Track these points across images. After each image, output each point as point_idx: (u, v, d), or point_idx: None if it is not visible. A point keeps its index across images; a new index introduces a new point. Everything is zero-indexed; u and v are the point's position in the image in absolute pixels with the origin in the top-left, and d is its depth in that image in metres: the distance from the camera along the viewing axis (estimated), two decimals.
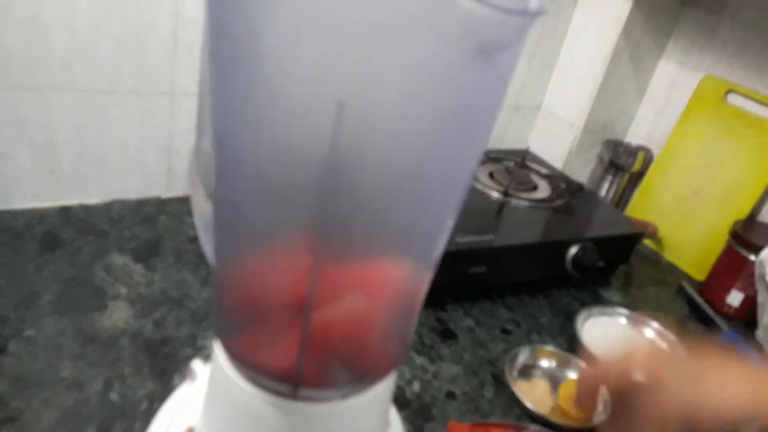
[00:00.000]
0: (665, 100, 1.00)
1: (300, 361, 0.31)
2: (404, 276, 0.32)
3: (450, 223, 0.32)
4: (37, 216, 0.72)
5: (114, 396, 0.52)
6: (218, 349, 0.34)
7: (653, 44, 0.97)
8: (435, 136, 0.26)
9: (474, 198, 0.82)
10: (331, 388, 0.33)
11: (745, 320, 0.82)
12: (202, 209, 0.33)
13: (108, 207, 0.77)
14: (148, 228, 0.75)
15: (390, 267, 0.31)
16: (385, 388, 0.36)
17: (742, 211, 0.86)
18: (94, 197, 0.77)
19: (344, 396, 0.34)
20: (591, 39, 0.97)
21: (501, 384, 0.63)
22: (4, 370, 0.52)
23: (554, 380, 0.64)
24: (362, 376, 0.34)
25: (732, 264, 0.82)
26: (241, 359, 0.33)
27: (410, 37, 0.23)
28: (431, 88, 0.24)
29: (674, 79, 0.98)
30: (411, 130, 0.26)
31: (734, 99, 0.90)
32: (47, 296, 0.61)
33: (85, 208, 0.76)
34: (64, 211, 0.75)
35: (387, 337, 0.34)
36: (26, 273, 0.63)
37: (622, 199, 1.04)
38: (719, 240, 0.86)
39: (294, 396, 0.32)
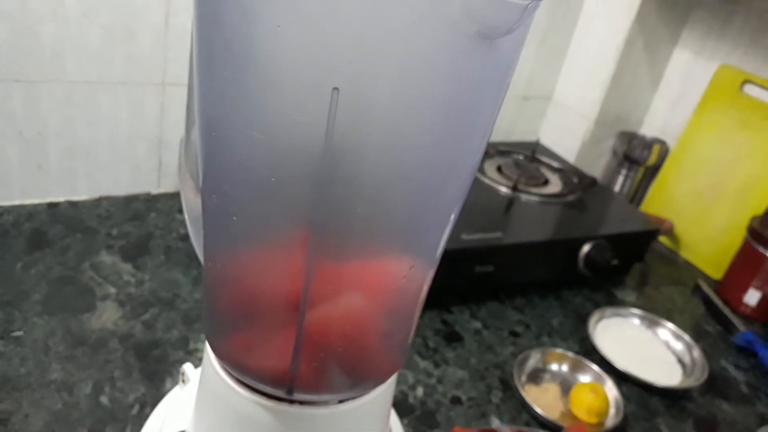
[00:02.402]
0: (680, 90, 0.99)
1: (294, 363, 0.31)
2: (405, 273, 0.31)
3: (453, 217, 0.32)
4: (25, 213, 0.73)
5: (104, 399, 0.52)
6: (209, 351, 0.34)
7: (667, 33, 0.97)
8: (435, 124, 0.26)
9: (481, 193, 0.82)
10: (328, 392, 0.33)
11: (763, 320, 0.82)
12: (192, 204, 0.33)
13: (96, 203, 0.77)
14: (138, 225, 0.75)
15: (389, 263, 0.31)
16: (384, 392, 0.36)
17: (760, 206, 0.85)
18: (82, 193, 0.77)
19: (341, 400, 0.33)
20: (603, 26, 0.97)
21: (509, 389, 0.62)
22: None
23: (565, 385, 0.64)
24: (360, 379, 0.34)
25: (749, 261, 0.81)
26: (232, 361, 0.32)
27: (408, 21, 0.23)
28: (430, 74, 0.24)
29: (689, 69, 0.98)
30: (410, 118, 0.25)
31: (751, 89, 0.89)
32: (36, 296, 0.61)
33: (73, 205, 0.76)
34: (52, 207, 0.75)
35: (386, 338, 0.34)
36: (14, 272, 0.63)
37: (638, 194, 1.04)
38: (737, 236, 0.86)
39: (288, 400, 0.32)
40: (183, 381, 0.46)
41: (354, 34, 0.22)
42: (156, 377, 0.55)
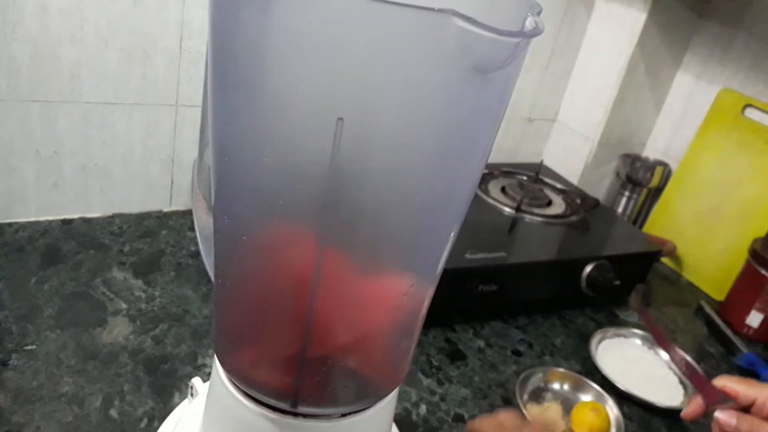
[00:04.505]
0: (683, 113, 1.01)
1: (299, 377, 0.32)
2: (406, 291, 0.33)
3: (452, 236, 0.33)
4: (40, 229, 0.75)
5: (113, 413, 0.53)
6: (217, 365, 0.35)
7: (669, 56, 0.99)
8: (434, 150, 0.28)
9: (485, 214, 0.83)
10: (331, 405, 0.34)
11: (765, 341, 0.82)
12: (204, 223, 0.34)
13: (109, 220, 0.79)
14: (149, 242, 0.77)
15: (391, 281, 0.32)
16: (386, 406, 0.37)
17: (761, 228, 0.86)
18: (95, 210, 0.79)
19: (344, 414, 0.35)
20: (606, 51, 0.99)
21: (511, 407, 0.63)
22: (6, 383, 0.54)
23: (567, 404, 0.65)
24: (363, 394, 0.35)
25: (751, 283, 0.82)
26: (240, 375, 0.34)
27: (409, 56, 0.24)
28: (429, 105, 0.26)
29: (691, 92, 0.99)
30: (410, 145, 0.27)
31: (752, 113, 0.90)
32: (49, 310, 0.63)
33: (87, 222, 0.78)
34: (66, 224, 0.77)
35: (388, 354, 0.35)
36: (28, 286, 0.65)
37: (640, 215, 1.05)
38: (739, 258, 0.86)
39: (293, 413, 0.34)
40: (192, 394, 0.47)
41: (357, 68, 0.24)
42: (165, 391, 0.56)
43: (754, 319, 0.81)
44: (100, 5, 0.67)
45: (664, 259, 0.98)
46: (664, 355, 0.75)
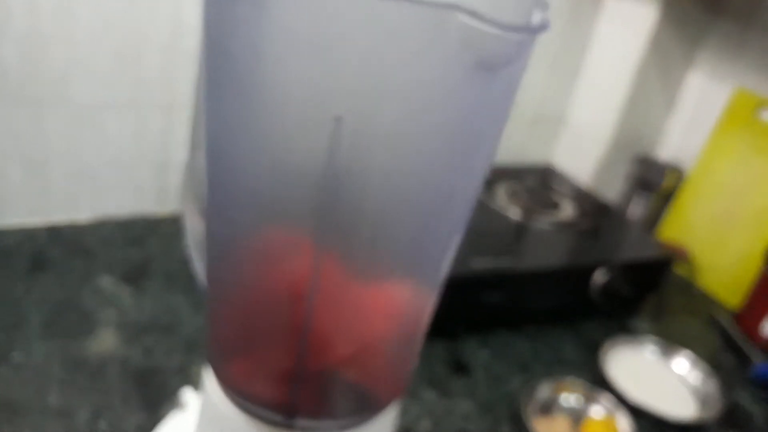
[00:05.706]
0: (696, 114, 1.01)
1: (295, 389, 0.32)
2: (407, 298, 0.33)
3: (455, 241, 0.33)
4: (26, 235, 0.74)
5: (103, 425, 0.53)
6: (210, 375, 0.35)
7: (681, 55, 0.98)
8: (436, 151, 0.28)
9: (491, 218, 0.83)
10: (329, 418, 0.34)
11: None
12: (195, 227, 0.34)
13: (98, 226, 0.79)
14: (138, 249, 0.77)
15: (392, 288, 0.32)
16: (386, 420, 0.37)
17: None
18: (83, 215, 0.79)
19: (343, 427, 0.34)
20: (616, 49, 0.99)
21: (518, 421, 0.63)
22: None
23: (576, 417, 0.64)
24: (362, 406, 0.35)
25: (766, 292, 0.81)
26: (233, 386, 0.34)
27: (410, 53, 0.24)
28: (431, 104, 0.26)
29: (704, 93, 0.99)
30: (411, 146, 0.27)
31: (767, 115, 0.90)
32: (36, 319, 0.62)
33: (75, 227, 0.78)
34: (54, 230, 0.77)
35: (388, 364, 0.35)
36: (15, 294, 0.65)
37: (652, 219, 1.04)
38: (754, 265, 0.86)
39: (289, 426, 0.33)
40: (182, 405, 0.47)
41: (357, 66, 0.24)
42: (155, 403, 0.56)
43: None
44: (93, 4, 0.68)
45: (677, 266, 0.97)
46: (677, 367, 0.75)
